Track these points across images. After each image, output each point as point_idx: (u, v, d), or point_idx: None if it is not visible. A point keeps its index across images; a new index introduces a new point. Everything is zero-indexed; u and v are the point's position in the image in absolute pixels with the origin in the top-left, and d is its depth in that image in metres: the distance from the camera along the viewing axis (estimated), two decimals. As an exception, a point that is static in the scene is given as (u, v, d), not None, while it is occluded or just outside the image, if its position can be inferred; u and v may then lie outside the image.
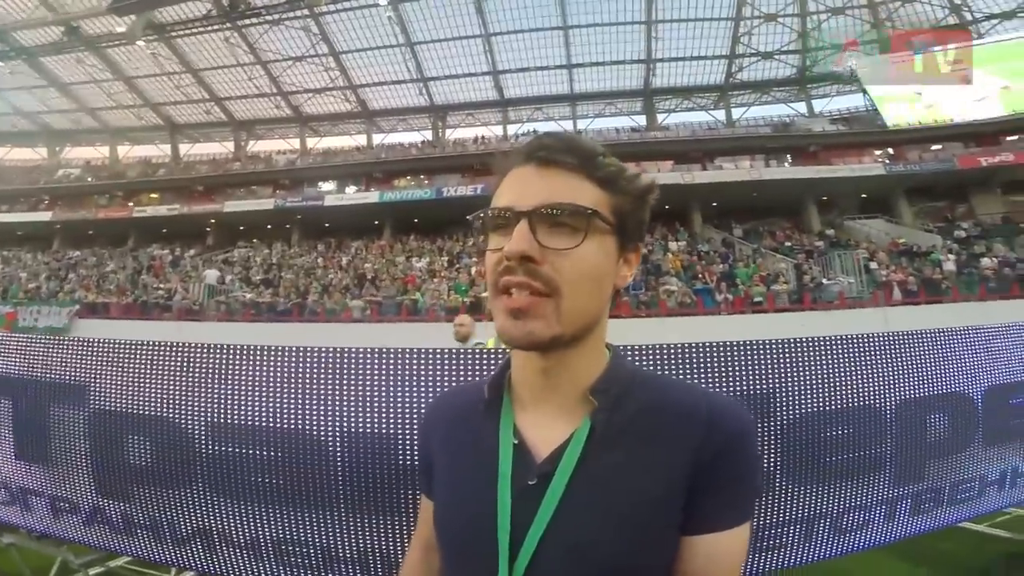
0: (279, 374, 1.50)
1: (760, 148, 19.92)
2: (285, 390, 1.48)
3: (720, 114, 22.97)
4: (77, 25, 19.80)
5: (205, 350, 1.58)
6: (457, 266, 16.96)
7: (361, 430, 1.46)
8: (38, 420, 1.77)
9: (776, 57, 20.98)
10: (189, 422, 1.55)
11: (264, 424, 1.49)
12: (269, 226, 22.95)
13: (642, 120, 23.54)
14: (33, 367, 1.82)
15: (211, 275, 18.47)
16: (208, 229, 23.46)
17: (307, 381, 1.48)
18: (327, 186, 23.09)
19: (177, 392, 1.58)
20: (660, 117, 23.29)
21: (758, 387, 1.56)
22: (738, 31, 20.14)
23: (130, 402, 1.63)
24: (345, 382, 1.47)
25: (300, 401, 1.48)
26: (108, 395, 1.67)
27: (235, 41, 22.06)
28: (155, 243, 23.37)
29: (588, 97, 23.75)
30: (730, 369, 1.52)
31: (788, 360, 1.60)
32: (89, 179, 25.56)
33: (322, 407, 1.47)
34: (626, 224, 0.58)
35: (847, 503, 1.75)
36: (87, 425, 1.69)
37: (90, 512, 1.71)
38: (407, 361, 1.48)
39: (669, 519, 0.54)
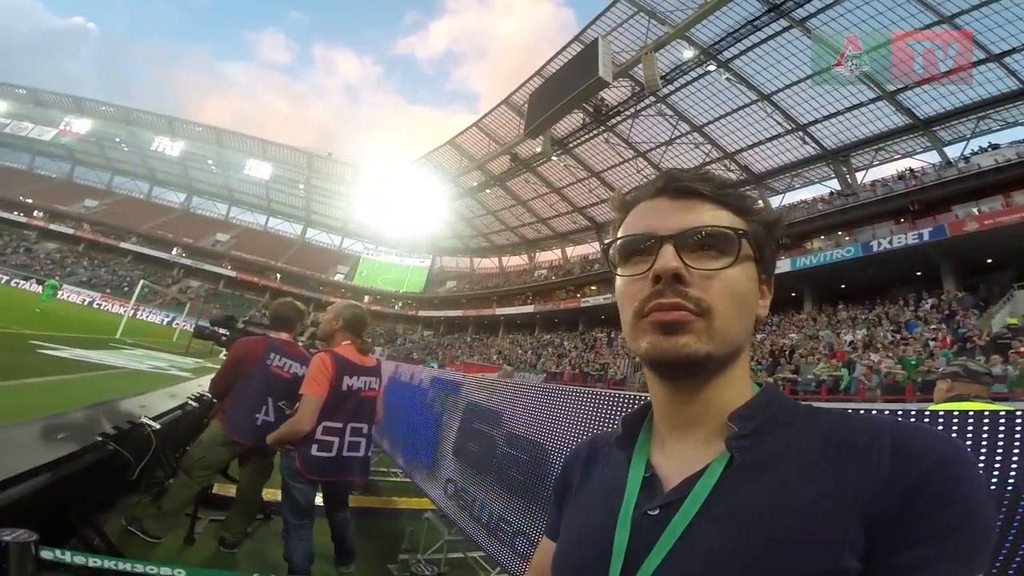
0: (552, 408, 2.17)
1: None
2: (548, 417, 2.17)
3: None
4: (516, 153, 28.00)
5: (518, 388, 2.56)
6: (905, 336, 13.55)
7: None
8: (470, 430, 2.91)
9: None
10: (498, 433, 2.50)
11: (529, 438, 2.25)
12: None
13: None
14: (480, 398, 2.91)
15: (636, 354, 21.68)
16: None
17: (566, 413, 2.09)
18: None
19: (499, 409, 2.58)
20: None
21: None
22: None
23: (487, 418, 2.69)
24: (581, 415, 1.99)
25: (554, 424, 2.12)
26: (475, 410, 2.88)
27: (614, 141, 25.87)
28: (597, 327, 29.17)
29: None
30: None
31: None
32: (552, 277, 34.75)
33: (562, 428, 2.06)
34: (764, 252, 0.55)
35: None
36: (463, 426, 2.97)
37: (455, 491, 2.84)
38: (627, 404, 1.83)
39: (826, 567, 0.42)
